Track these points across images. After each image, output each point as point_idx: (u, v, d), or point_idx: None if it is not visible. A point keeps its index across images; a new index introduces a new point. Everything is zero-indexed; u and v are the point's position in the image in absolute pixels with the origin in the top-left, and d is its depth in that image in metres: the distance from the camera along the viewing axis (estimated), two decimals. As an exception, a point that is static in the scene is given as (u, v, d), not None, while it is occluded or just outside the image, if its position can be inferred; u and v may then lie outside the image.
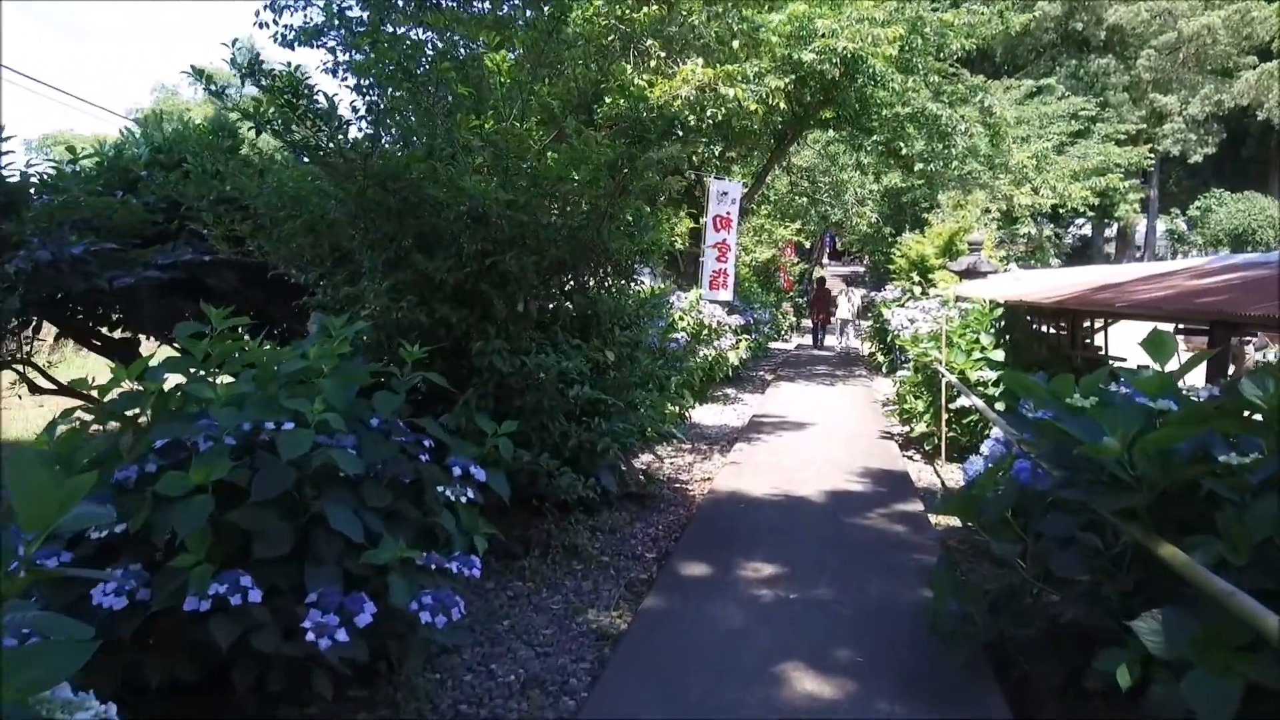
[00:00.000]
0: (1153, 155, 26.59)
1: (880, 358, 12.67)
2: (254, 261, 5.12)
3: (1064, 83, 28.64)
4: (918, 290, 11.96)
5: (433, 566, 3.27)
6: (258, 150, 5.75)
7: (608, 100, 4.36)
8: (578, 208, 4.45)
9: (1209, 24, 28.99)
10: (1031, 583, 3.68)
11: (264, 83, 4.36)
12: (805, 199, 21.12)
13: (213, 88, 4.04)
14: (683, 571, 4.97)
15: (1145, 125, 29.44)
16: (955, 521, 6.27)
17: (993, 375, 8.12)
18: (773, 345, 21.69)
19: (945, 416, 8.19)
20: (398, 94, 4.27)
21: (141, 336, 7.44)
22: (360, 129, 4.44)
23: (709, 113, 7.40)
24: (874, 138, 14.54)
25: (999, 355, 8.18)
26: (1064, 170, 16.62)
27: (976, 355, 8.33)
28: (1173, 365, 3.44)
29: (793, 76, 12.22)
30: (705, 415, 11.24)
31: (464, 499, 3.50)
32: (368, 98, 4.36)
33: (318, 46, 8.81)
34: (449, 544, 3.58)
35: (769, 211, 21.70)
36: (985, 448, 6.55)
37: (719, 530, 5.79)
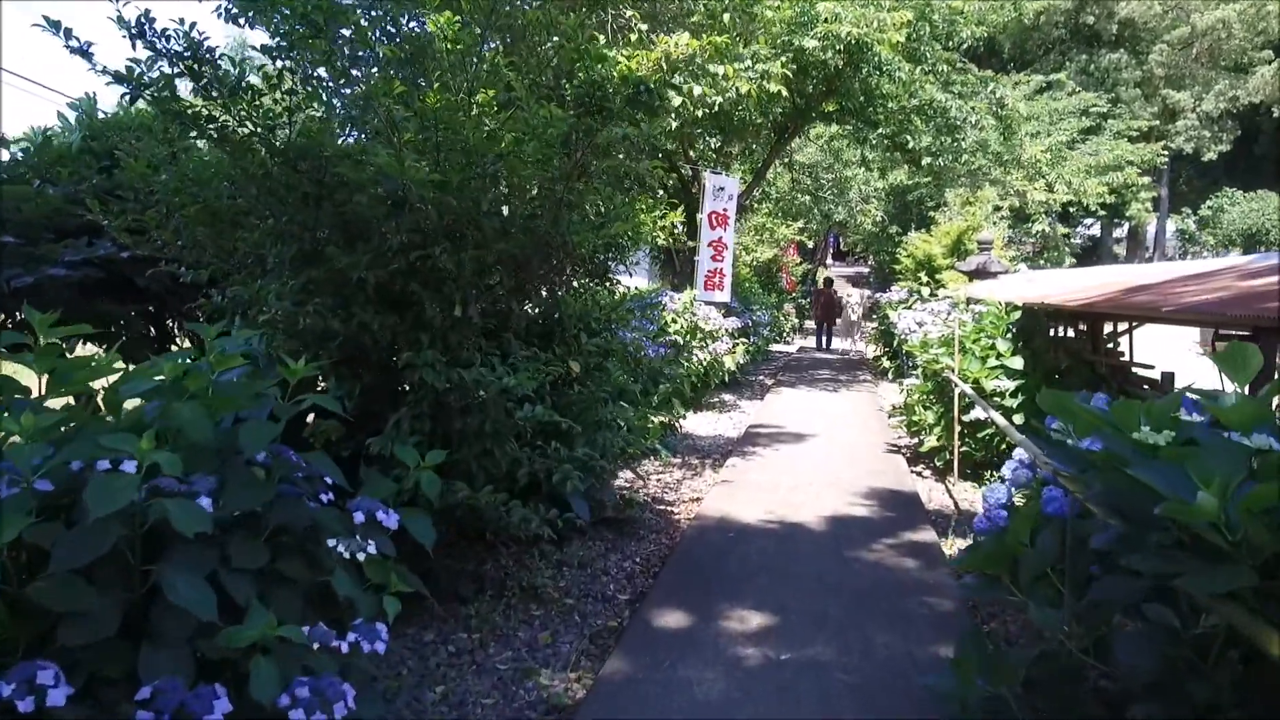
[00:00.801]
0: (1166, 153, 25.79)
1: (886, 362, 11.94)
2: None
3: (1074, 78, 27.84)
4: (925, 291, 11.23)
5: (316, 645, 2.55)
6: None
7: (580, 75, 3.63)
8: (526, 192, 3.73)
9: (1223, 18, 28.20)
10: (1080, 658, 2.96)
11: (157, 45, 3.65)
12: (808, 197, 20.38)
13: (74, 44, 3.34)
14: (657, 621, 4.25)
15: (1158, 122, 28.63)
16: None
17: (1010, 385, 7.39)
18: (774, 348, 20.96)
19: (958, 429, 7.46)
20: (309, 55, 3.56)
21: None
22: (276, 100, 3.72)
23: (697, 93, 6.66)
24: (879, 131, 13.80)
25: (1017, 363, 7.44)
26: (1079, 165, 15.87)
27: (992, 362, 7.61)
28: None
29: (794, 66, 11.52)
30: (699, 424, 10.52)
31: (366, 552, 2.78)
32: (278, 61, 3.64)
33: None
34: (353, 610, 2.87)
35: (770, 210, 20.96)
36: (1007, 470, 5.82)
37: (703, 566, 5.07)
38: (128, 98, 3.48)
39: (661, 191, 15.76)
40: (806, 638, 3.98)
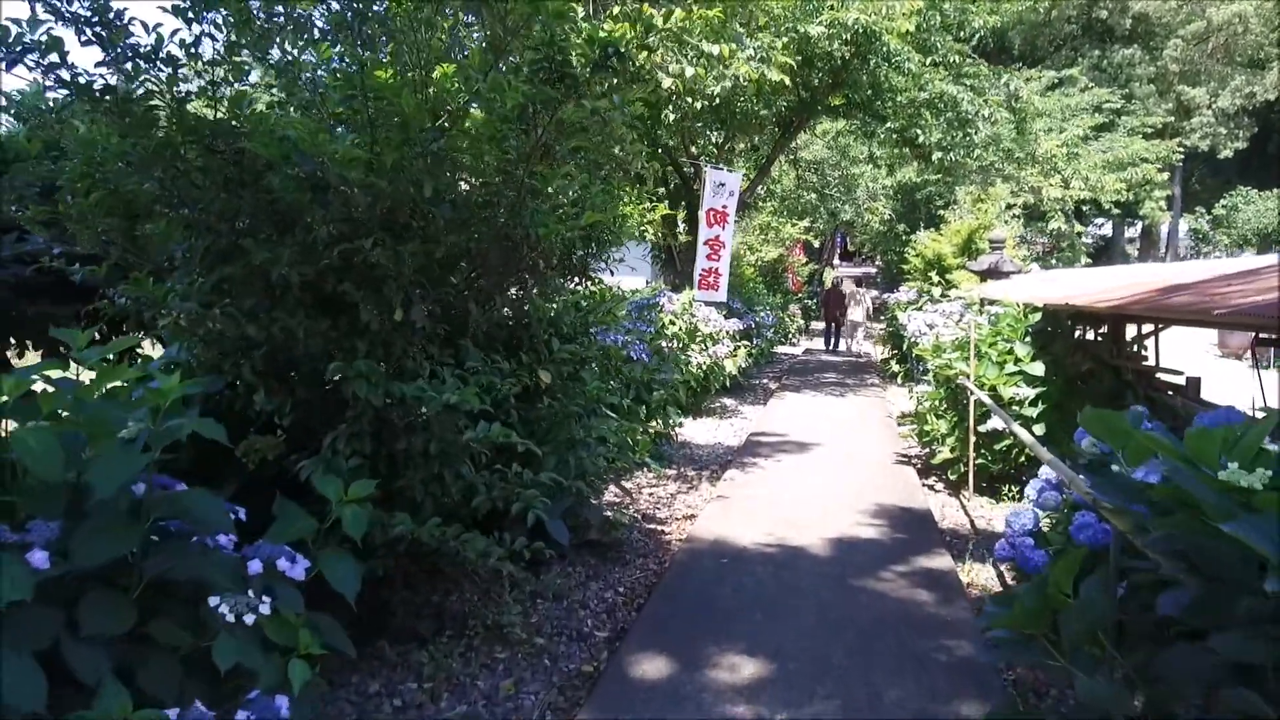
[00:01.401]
0: (1181, 150, 25.15)
1: (895, 366, 11.39)
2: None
3: (1086, 75, 27.23)
4: (936, 292, 10.68)
5: (189, 734, 2.04)
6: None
7: (535, 33, 3.10)
8: (481, 176, 3.22)
9: (1240, 12, 27.52)
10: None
11: (60, 7, 3.15)
12: (814, 194, 19.81)
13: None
14: (635, 668, 3.72)
15: (1172, 119, 27.97)
16: (990, 581, 5.02)
17: (1030, 392, 6.84)
18: (779, 349, 20.42)
19: (973, 441, 6.92)
20: (223, 15, 3.06)
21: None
22: (197, 70, 3.22)
23: (689, 74, 6.14)
24: (888, 125, 13.26)
25: (1037, 369, 6.90)
26: (1095, 161, 15.27)
27: (1010, 368, 7.06)
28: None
29: (798, 56, 10.99)
30: (698, 431, 9.99)
31: (258, 612, 2.26)
32: (194, 25, 3.13)
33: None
34: (253, 679, 2.36)
35: (775, 208, 20.40)
36: (1032, 490, 5.28)
37: (693, 598, 4.54)
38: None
39: (662, 189, 15.29)
40: (805, 692, 3.45)
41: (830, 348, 23.04)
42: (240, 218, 3.15)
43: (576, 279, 4.54)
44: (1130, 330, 8.64)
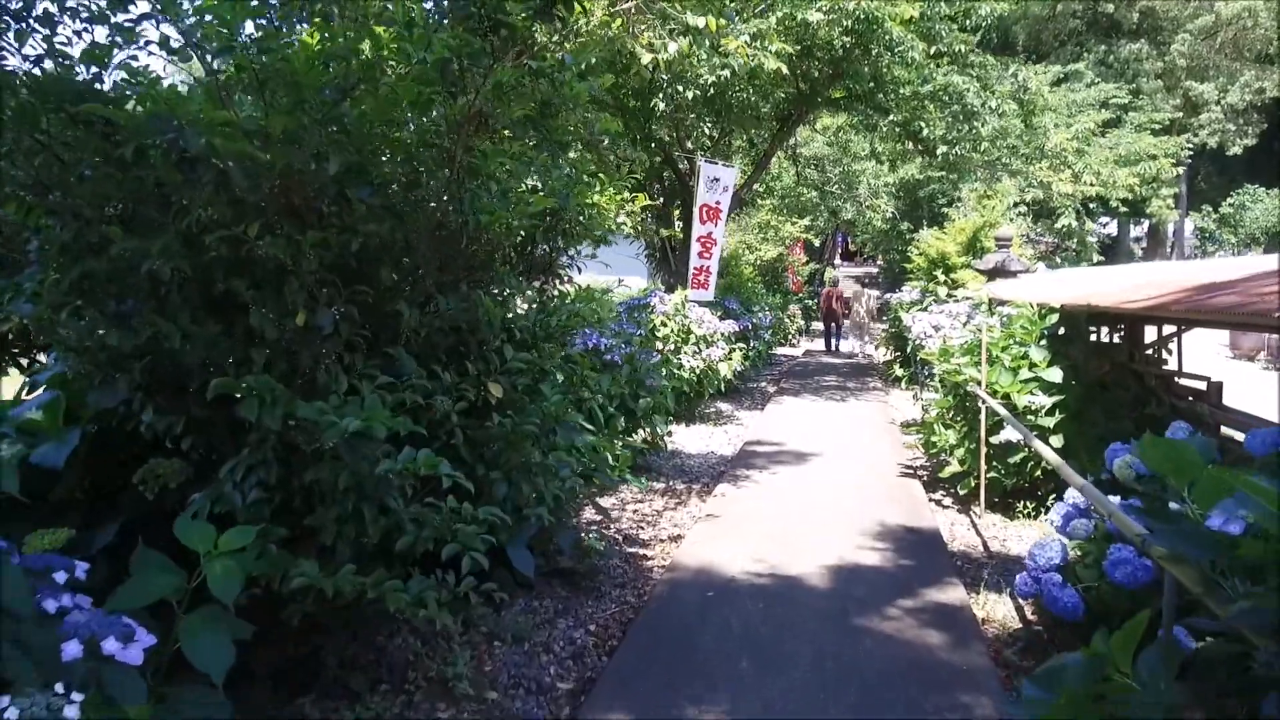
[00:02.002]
0: (1190, 146, 24.57)
1: (899, 370, 10.84)
2: None
3: (1092, 70, 26.66)
4: (942, 292, 10.12)
5: None
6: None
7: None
8: (404, 148, 2.67)
9: (1249, 6, 26.93)
10: None
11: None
12: (814, 192, 19.25)
13: None
14: (599, 733, 3.17)
15: (1181, 114, 27.38)
16: (1008, 617, 4.46)
17: (1046, 401, 6.29)
18: (778, 351, 19.86)
19: (985, 452, 6.37)
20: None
21: None
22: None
23: (672, 50, 5.60)
24: (890, 118, 12.70)
25: (1055, 375, 6.34)
26: (1106, 155, 14.69)
27: (1025, 374, 6.51)
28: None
29: (797, 46, 10.45)
30: (690, 439, 9.44)
31: (65, 718, 1.71)
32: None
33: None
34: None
35: (774, 205, 19.84)
36: (1056, 515, 4.72)
37: (672, 642, 3.99)
38: None
39: (657, 186, 14.74)
40: (798, 769, 2.90)
41: (830, 349, 22.51)
42: (115, 202, 2.60)
43: (541, 278, 3.99)
44: (1159, 332, 8.07)
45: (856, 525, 5.90)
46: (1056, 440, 6.26)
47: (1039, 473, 6.43)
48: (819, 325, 25.23)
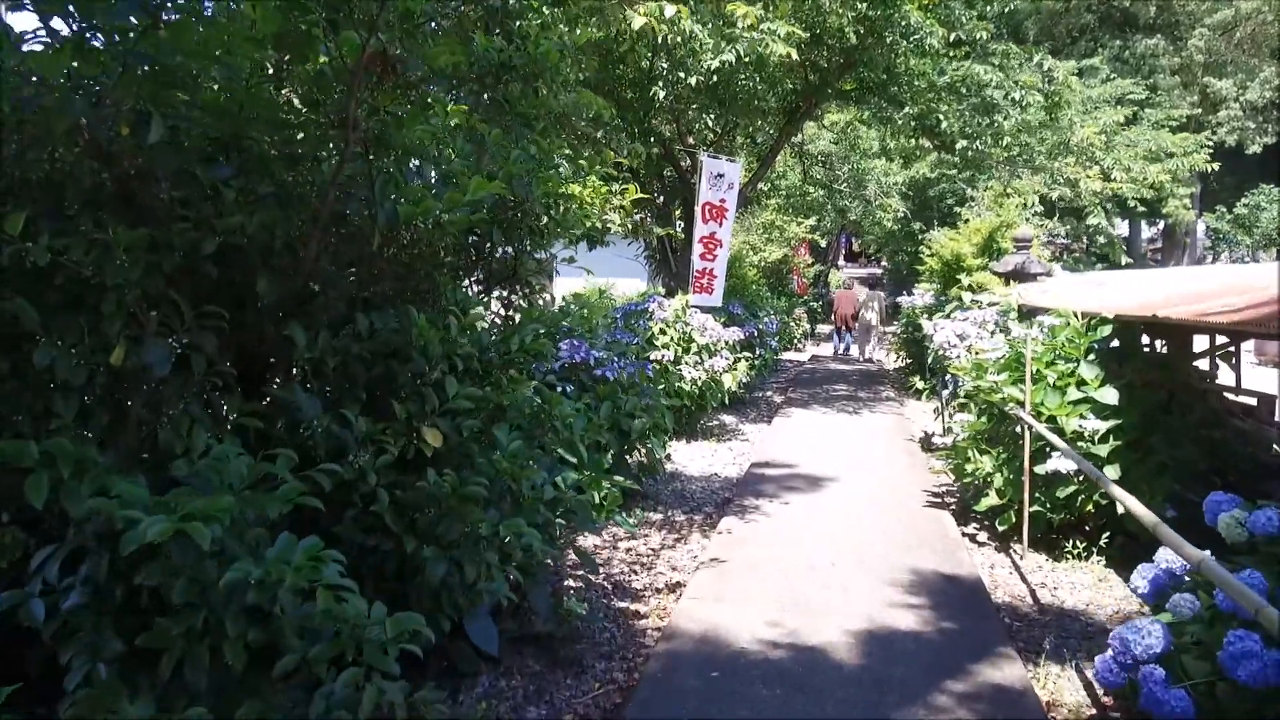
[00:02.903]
0: (1210, 143, 23.67)
1: (920, 384, 10.01)
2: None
3: (1107, 65, 25.79)
4: (966, 297, 9.29)
5: None
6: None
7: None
8: (268, 109, 1.87)
9: (1270, 0, 26.05)
10: None
11: None
12: (821, 191, 18.41)
13: None
14: None
15: (1199, 110, 26.49)
16: (1080, 704, 3.64)
17: (1100, 425, 5.47)
18: (785, 355, 19.04)
19: (1028, 483, 5.56)
20: None
21: None
22: None
23: (669, 12, 4.80)
24: (905, 110, 11.87)
25: (1109, 395, 5.52)
26: (1135, 150, 13.81)
27: (1074, 394, 5.69)
28: None
29: (807, 33, 9.65)
30: (691, 457, 8.63)
31: None
32: None
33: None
34: None
35: (779, 204, 19.00)
36: (1141, 580, 3.89)
37: (667, 743, 3.17)
38: None
39: (658, 184, 13.93)
40: None
41: (839, 353, 21.74)
42: None
43: (504, 287, 3.18)
44: (1211, 342, 7.30)
45: (884, 573, 5.08)
46: (1112, 471, 5.44)
47: (1091, 507, 5.61)
48: (824, 329, 24.45)
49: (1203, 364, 7.06)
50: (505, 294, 3.17)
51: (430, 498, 2.51)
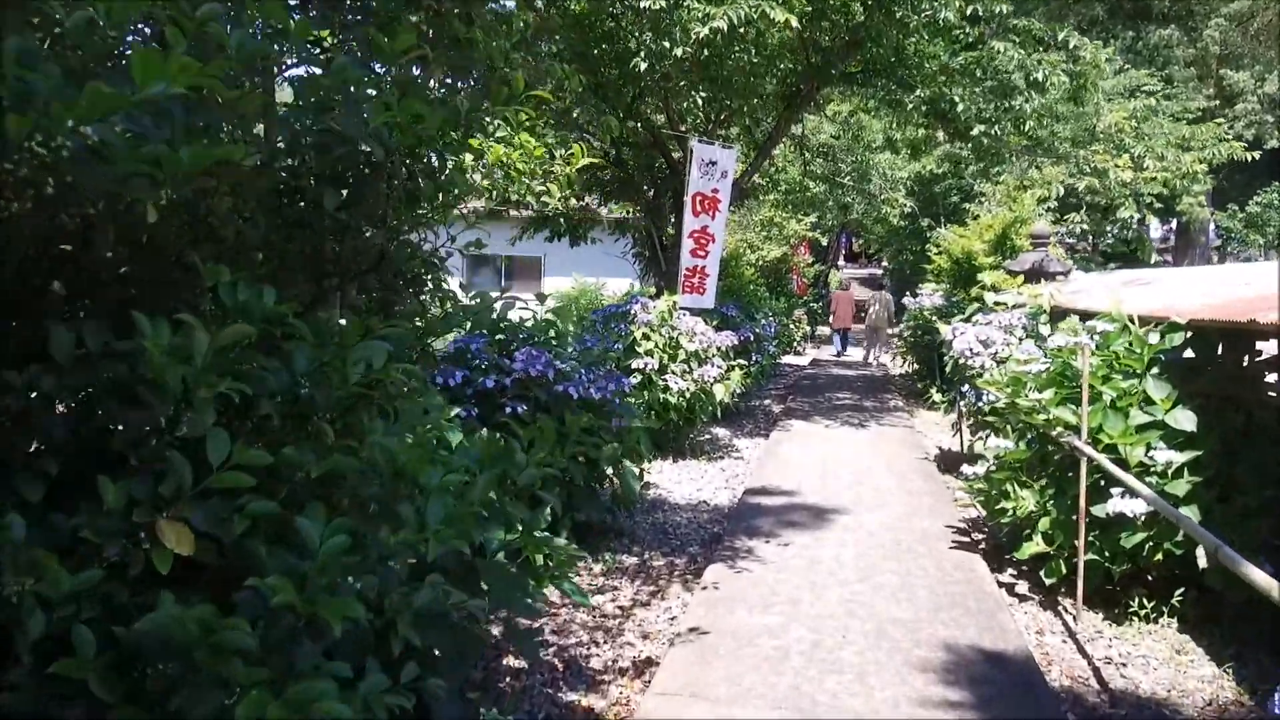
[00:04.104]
0: (1228, 137, 22.62)
1: (936, 396, 8.95)
2: None
3: (1120, 56, 24.74)
4: (989, 298, 8.22)
5: None
6: None
7: None
8: None
9: (1287, -11, 25.02)
10: None
11: None
12: (823, 185, 17.31)
13: None
14: None
15: (1216, 103, 25.43)
16: None
17: (1176, 457, 4.41)
18: (784, 359, 17.97)
19: (1083, 525, 4.49)
20: None
21: None
22: None
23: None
24: (916, 93, 10.79)
25: (1186, 421, 4.46)
26: (1170, 137, 12.71)
27: (1140, 418, 4.62)
28: None
29: (809, 8, 8.59)
30: (677, 480, 7.56)
31: None
32: None
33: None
34: None
35: (777, 200, 17.91)
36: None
37: None
38: None
39: (648, 177, 12.86)
40: None
41: (839, 354, 20.80)
42: None
43: (361, 283, 2.11)
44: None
45: (909, 649, 4.00)
46: (1190, 513, 4.38)
47: (1156, 555, 4.55)
48: (824, 330, 23.43)
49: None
50: (368, 293, 2.10)
51: (162, 645, 1.44)
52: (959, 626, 4.25)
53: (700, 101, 9.21)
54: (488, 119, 2.39)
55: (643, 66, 8.14)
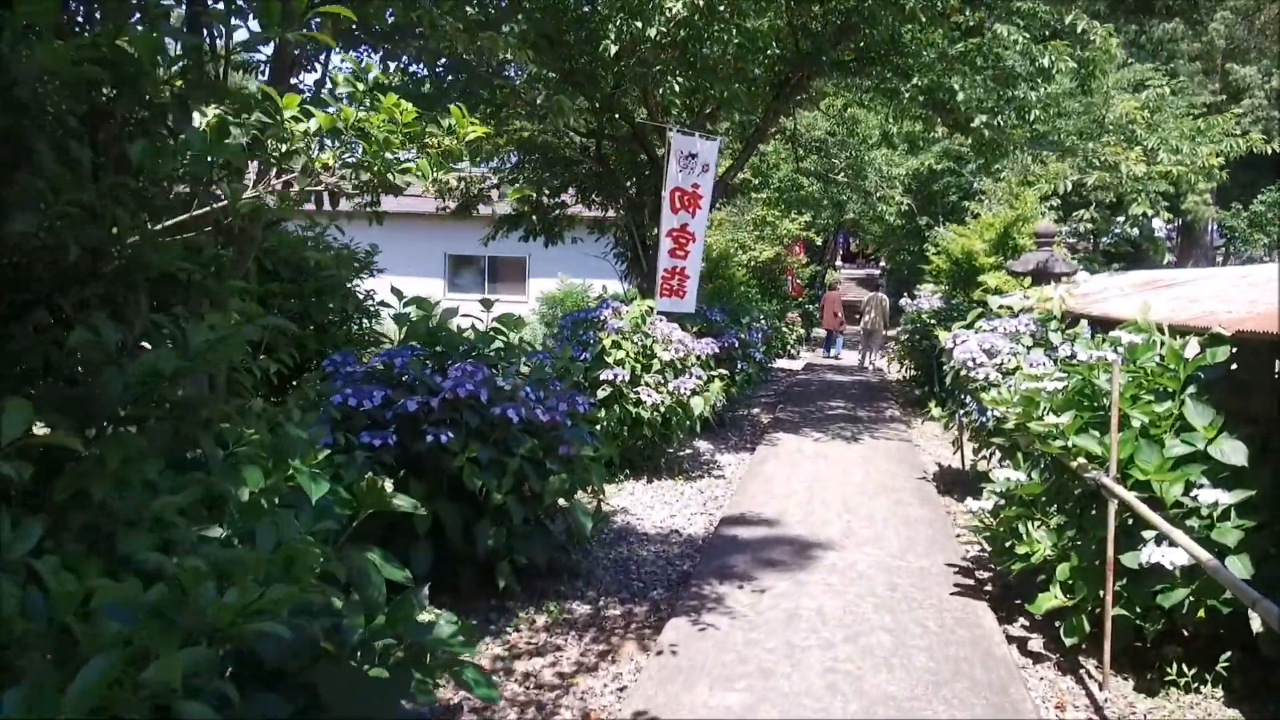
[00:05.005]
0: (1236, 132, 21.93)
1: (935, 411, 8.21)
2: None
3: (1123, 50, 24.01)
4: (994, 301, 7.47)
5: None
6: None
7: None
8: None
9: (1294, -18, 24.32)
10: None
11: None
12: (817, 182, 16.56)
13: None
14: None
15: (1224, 97, 24.70)
16: None
17: (1224, 498, 3.67)
18: (777, 363, 17.21)
19: (1111, 576, 3.76)
20: None
21: None
22: None
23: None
24: (913, 82, 10.05)
25: (1235, 452, 3.72)
26: (1184, 127, 11.95)
27: (1176, 448, 3.88)
28: None
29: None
30: (650, 504, 6.83)
31: None
32: None
33: None
34: None
35: (769, 198, 17.15)
36: None
37: None
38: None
39: (634, 177, 12.12)
40: None
41: (827, 356, 20.18)
42: None
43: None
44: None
45: (904, 735, 3.27)
46: (1240, 566, 3.65)
47: (1201, 613, 3.81)
48: (820, 332, 22.71)
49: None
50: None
51: None
52: (964, 706, 3.51)
53: (678, 87, 8.45)
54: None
55: (614, 49, 7.40)
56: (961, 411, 7.45)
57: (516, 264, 20.59)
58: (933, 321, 11.45)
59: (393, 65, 8.52)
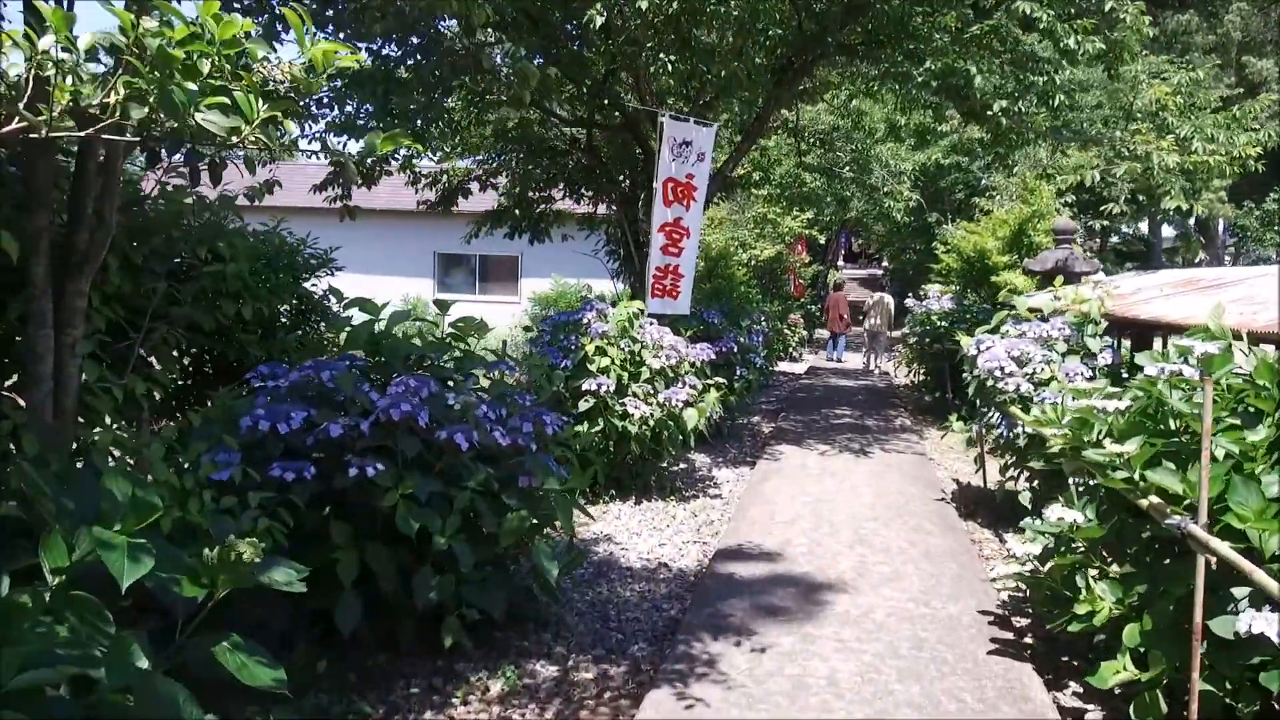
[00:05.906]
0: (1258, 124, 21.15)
1: (955, 426, 7.43)
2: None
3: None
4: (1021, 303, 6.69)
5: None
6: None
7: None
8: None
9: (1312, -27, 23.54)
10: None
11: None
12: (821, 177, 15.76)
13: None
14: None
15: (1240, 90, 23.89)
16: None
17: (1343, 552, 2.90)
18: (779, 367, 16.45)
19: (1199, 647, 3.00)
20: None
21: None
22: None
23: None
24: (925, 67, 9.28)
25: (1357, 494, 2.95)
26: (1219, 117, 11.14)
27: (1277, 487, 3.12)
28: None
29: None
30: (637, 531, 6.07)
31: None
32: None
33: None
34: None
35: (771, 194, 16.36)
36: None
37: None
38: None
39: (627, 171, 11.35)
40: None
41: (830, 359, 19.47)
42: None
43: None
44: None
45: None
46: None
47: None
48: (822, 334, 21.96)
49: None
50: None
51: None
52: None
53: (670, 67, 7.69)
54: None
55: (599, 20, 6.64)
56: (981, 421, 6.68)
57: (508, 263, 19.83)
58: (945, 324, 10.68)
59: (363, 46, 7.81)
